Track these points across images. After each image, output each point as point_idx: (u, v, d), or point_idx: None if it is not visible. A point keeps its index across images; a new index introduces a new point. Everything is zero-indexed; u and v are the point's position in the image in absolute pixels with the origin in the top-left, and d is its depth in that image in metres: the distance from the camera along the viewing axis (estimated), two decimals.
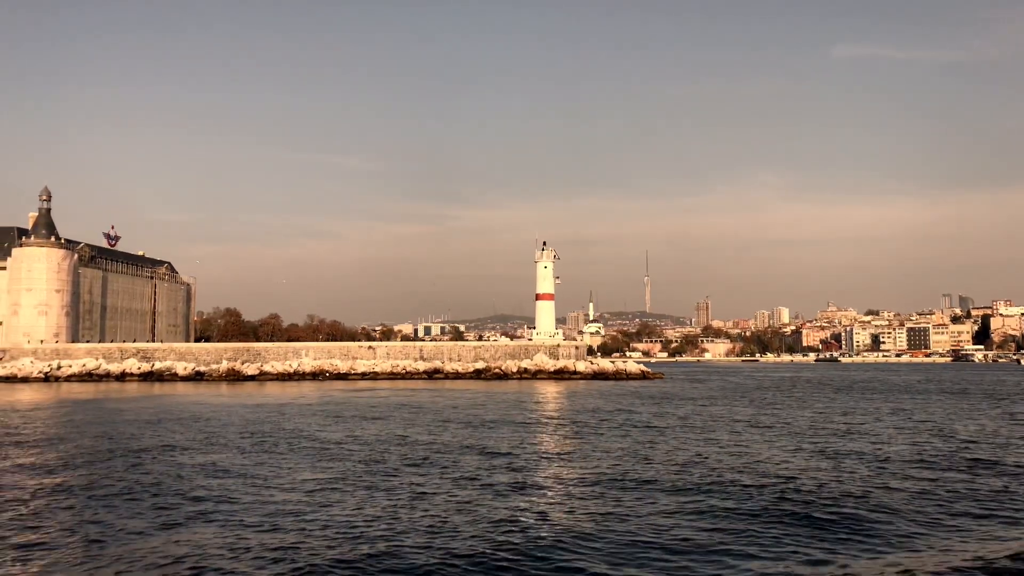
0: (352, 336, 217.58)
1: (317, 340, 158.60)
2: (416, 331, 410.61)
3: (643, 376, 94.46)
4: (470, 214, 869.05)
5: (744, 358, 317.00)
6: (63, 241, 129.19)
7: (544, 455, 27.48)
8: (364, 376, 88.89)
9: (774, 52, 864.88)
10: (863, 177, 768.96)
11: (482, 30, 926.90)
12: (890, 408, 51.35)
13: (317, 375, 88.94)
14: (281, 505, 18.63)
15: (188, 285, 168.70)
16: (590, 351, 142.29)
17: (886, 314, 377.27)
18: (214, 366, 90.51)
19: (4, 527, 16.68)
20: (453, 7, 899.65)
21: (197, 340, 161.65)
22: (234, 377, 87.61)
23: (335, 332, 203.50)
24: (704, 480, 21.94)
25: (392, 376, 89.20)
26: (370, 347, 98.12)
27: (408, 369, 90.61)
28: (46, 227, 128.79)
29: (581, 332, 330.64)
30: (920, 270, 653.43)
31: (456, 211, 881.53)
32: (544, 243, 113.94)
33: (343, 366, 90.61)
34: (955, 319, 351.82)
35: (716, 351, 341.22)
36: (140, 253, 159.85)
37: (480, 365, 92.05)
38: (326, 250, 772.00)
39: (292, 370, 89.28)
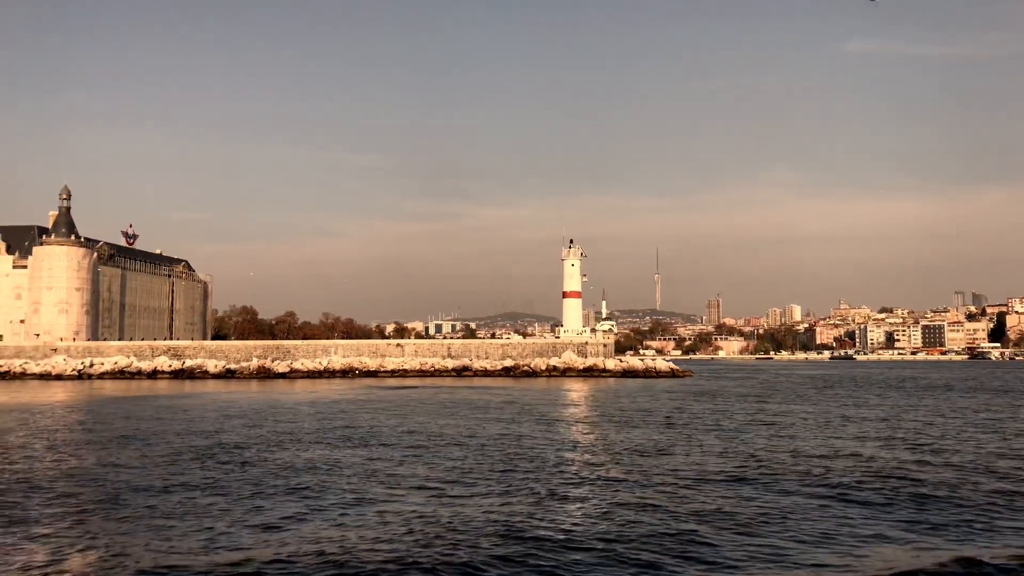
0: (367, 334, 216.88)
1: (332, 338, 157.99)
2: (427, 329, 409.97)
3: (672, 374, 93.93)
4: (479, 212, 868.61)
5: (757, 356, 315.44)
6: (83, 240, 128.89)
7: (691, 457, 25.77)
8: (394, 374, 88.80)
9: (786, 48, 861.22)
10: (875, 174, 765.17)
11: (492, 27, 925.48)
12: (949, 406, 50.21)
13: (347, 372, 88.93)
14: (426, 503, 17.84)
15: (205, 283, 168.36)
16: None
17: (900, 312, 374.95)
18: (244, 364, 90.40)
19: (138, 529, 15.74)
20: (463, 3, 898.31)
21: (214, 338, 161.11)
22: (264, 375, 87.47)
23: (350, 330, 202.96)
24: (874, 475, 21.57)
25: (421, 374, 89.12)
26: (398, 345, 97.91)
27: (436, 367, 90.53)
28: (66, 226, 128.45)
29: (593, 330, 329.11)
30: (933, 267, 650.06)
31: (465, 209, 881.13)
32: (571, 241, 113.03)
33: (372, 364, 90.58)
34: (970, 317, 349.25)
35: (730, 349, 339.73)
36: (157, 252, 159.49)
37: (508, 363, 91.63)
38: (335, 248, 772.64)
39: (322, 367, 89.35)
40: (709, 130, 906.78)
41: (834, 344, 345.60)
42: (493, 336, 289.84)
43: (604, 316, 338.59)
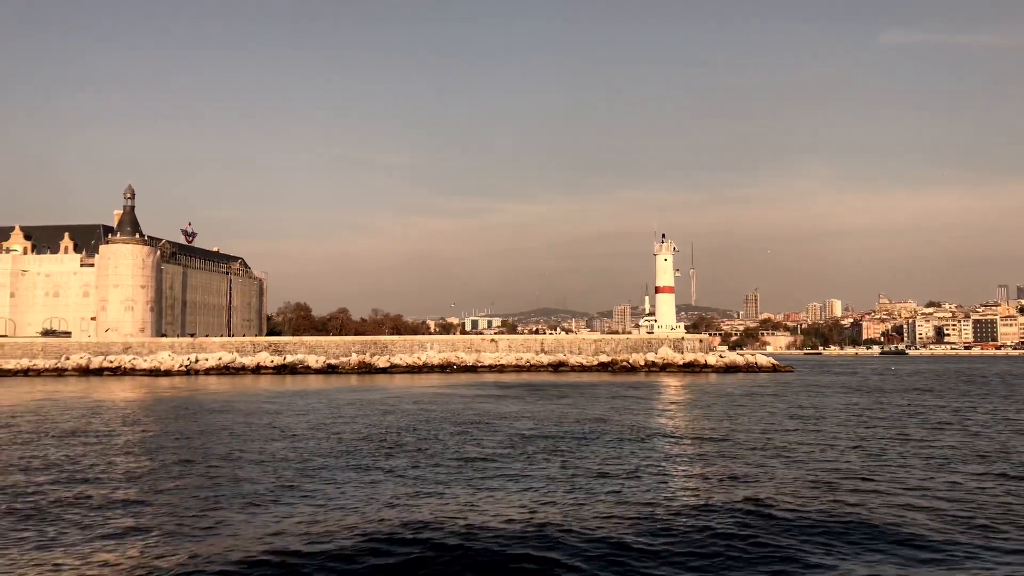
0: (414, 330, 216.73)
1: (383, 334, 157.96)
2: (463, 324, 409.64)
3: (774, 369, 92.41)
4: (510, 208, 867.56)
5: (805, 351, 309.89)
6: (147, 238, 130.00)
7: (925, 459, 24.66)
8: (491, 368, 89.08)
9: (821, 40, 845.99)
10: (912, 166, 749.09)
11: (521, 21, 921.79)
12: None
13: (444, 368, 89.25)
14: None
15: (260, 280, 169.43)
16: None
17: (948, 306, 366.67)
18: (343, 359, 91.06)
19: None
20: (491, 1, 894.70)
21: (269, 334, 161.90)
22: (365, 370, 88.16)
23: (398, 326, 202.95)
24: None
25: (518, 369, 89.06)
26: (492, 340, 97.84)
27: (532, 362, 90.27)
28: (131, 224, 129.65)
29: (638, 325, 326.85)
30: (974, 260, 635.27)
31: (496, 205, 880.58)
32: (663, 235, 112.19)
33: (469, 359, 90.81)
34: (1022, 310, 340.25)
35: (777, 344, 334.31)
36: (215, 249, 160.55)
37: (604, 358, 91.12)
38: (367, 245, 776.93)
39: (421, 363, 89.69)
40: (745, 123, 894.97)
41: (882, 339, 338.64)
42: (537, 331, 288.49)
43: (648, 312, 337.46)
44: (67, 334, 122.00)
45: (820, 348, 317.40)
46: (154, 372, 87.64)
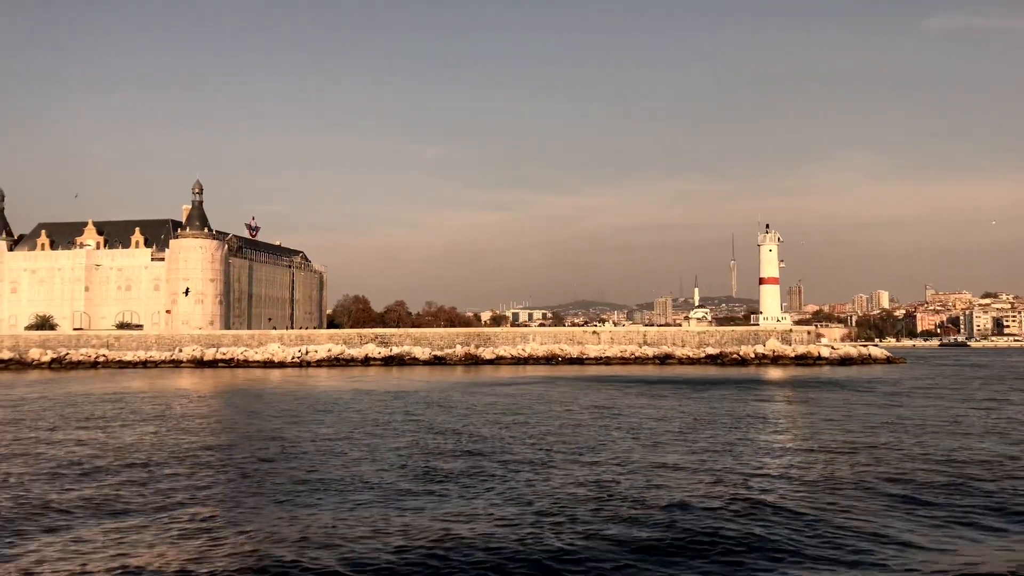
0: (467, 323, 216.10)
1: (439, 326, 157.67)
2: (511, 317, 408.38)
3: (888, 361, 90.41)
4: (548, 200, 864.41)
5: (860, 343, 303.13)
6: (215, 232, 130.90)
7: None
8: (597, 361, 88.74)
9: (861, 28, 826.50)
10: (958, 154, 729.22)
11: (560, 10, 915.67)
12: None
13: (550, 360, 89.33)
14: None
15: (320, 274, 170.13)
16: None
17: (1006, 296, 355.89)
18: (448, 350, 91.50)
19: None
20: None
21: (329, 327, 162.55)
22: (471, 361, 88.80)
23: (453, 319, 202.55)
24: None
25: (624, 361, 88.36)
26: (594, 332, 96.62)
27: (637, 354, 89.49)
28: (199, 219, 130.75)
29: (687, 317, 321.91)
30: (1019, 250, 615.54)
31: (534, 197, 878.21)
32: (767, 226, 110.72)
33: (573, 351, 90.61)
34: None
35: (831, 335, 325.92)
36: (277, 243, 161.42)
37: (711, 350, 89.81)
38: (404, 237, 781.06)
39: (527, 354, 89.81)
40: (785, 113, 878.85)
41: (938, 331, 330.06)
42: (585, 324, 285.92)
43: (697, 304, 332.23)
44: (139, 327, 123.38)
45: (876, 340, 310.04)
46: (267, 364, 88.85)
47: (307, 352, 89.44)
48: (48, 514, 16.53)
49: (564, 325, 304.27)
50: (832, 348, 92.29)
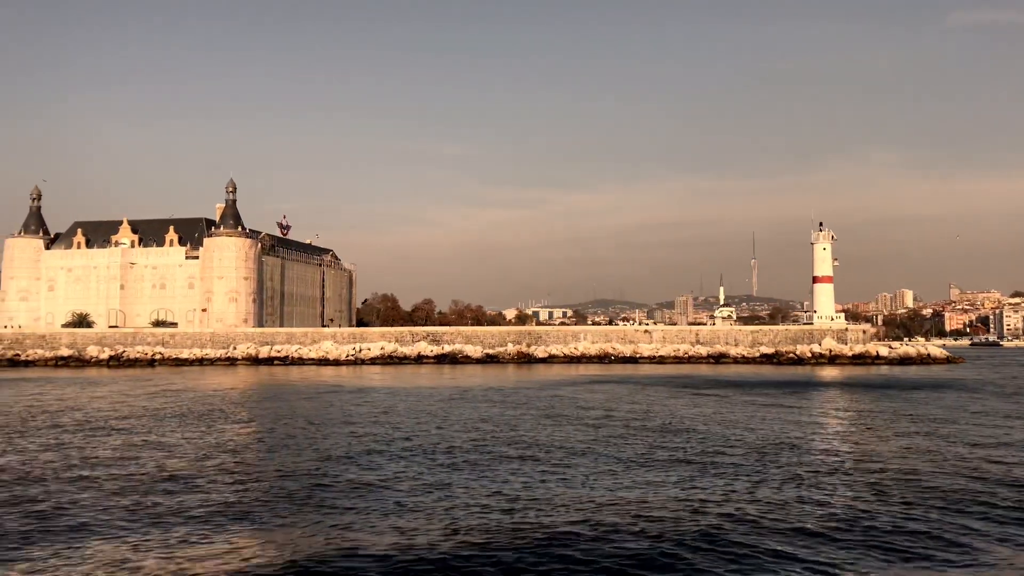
0: (493, 321, 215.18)
1: (465, 324, 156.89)
2: (535, 315, 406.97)
3: (947, 360, 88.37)
4: (565, 198, 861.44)
5: (887, 342, 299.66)
6: (248, 231, 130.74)
7: None
8: (651, 360, 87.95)
9: (885, 23, 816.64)
10: (981, 152, 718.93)
11: (579, 6, 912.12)
12: None
13: (603, 358, 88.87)
14: None
15: (350, 272, 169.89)
16: None
17: None
18: (499, 348, 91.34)
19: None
20: None
21: (357, 325, 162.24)
22: (523, 360, 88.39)
23: (479, 317, 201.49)
24: None
25: (677, 360, 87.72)
26: (646, 331, 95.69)
27: (690, 353, 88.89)
28: (233, 217, 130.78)
29: (712, 316, 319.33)
30: None
31: (551, 195, 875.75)
32: (820, 224, 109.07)
33: (626, 350, 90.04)
34: None
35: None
36: (308, 242, 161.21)
37: (765, 350, 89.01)
38: (422, 236, 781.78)
39: (579, 353, 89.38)
40: (806, 110, 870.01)
41: (967, 330, 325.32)
42: (611, 322, 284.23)
43: (722, 303, 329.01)
44: (174, 325, 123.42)
45: (904, 339, 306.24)
46: (322, 361, 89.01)
47: (360, 350, 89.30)
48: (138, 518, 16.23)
49: (587, 323, 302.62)
50: (890, 347, 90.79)
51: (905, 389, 50.86)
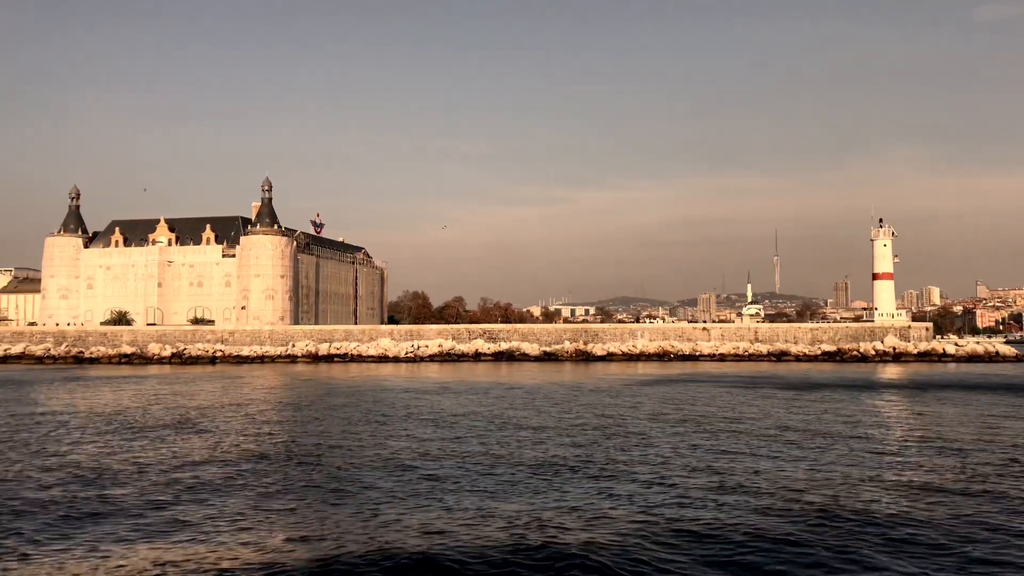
0: (522, 318, 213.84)
1: (495, 322, 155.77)
2: (558, 312, 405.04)
3: (1016, 359, 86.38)
4: (588, 196, 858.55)
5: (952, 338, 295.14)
6: (283, 229, 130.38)
7: None
8: (712, 358, 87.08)
9: (911, 18, 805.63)
10: (1007, 148, 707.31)
11: (602, 7, 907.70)
12: None
13: (662, 356, 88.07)
14: None
15: (381, 270, 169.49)
16: None
17: None
18: (556, 346, 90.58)
19: None
20: None
21: (388, 322, 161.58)
22: (581, 358, 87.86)
23: (508, 315, 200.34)
24: None
25: (738, 358, 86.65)
26: (704, 328, 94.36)
27: (751, 351, 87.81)
28: (269, 216, 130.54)
29: (739, 314, 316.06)
30: None
31: (574, 193, 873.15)
32: (880, 220, 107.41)
33: (685, 348, 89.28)
34: None
35: None
36: (340, 239, 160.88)
37: (827, 347, 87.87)
38: (444, 233, 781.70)
39: (638, 351, 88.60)
40: (830, 106, 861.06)
41: (1000, 327, 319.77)
42: (638, 320, 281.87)
43: (751, 300, 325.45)
44: (211, 322, 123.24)
45: (937, 336, 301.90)
46: (381, 359, 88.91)
47: (418, 347, 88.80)
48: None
49: (612, 321, 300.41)
50: (957, 345, 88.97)
51: (1001, 391, 47.97)
